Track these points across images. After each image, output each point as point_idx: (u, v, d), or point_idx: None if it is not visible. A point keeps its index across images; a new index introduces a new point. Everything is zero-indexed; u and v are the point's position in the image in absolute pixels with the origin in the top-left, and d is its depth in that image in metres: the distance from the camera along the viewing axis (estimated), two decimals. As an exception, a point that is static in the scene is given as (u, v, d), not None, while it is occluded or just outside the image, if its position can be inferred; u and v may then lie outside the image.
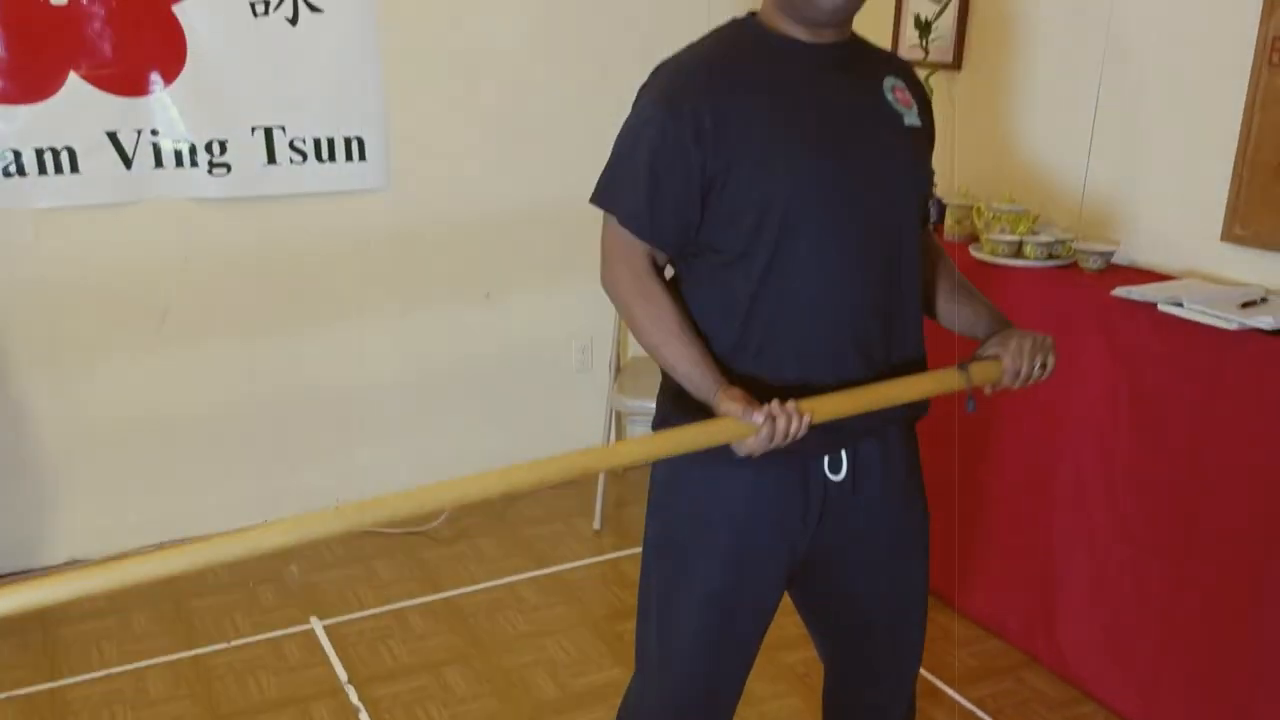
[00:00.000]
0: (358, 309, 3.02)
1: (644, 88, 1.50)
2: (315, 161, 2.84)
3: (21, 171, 2.55)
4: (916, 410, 1.59)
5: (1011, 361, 1.49)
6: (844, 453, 1.51)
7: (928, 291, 1.63)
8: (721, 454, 1.43)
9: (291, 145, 2.80)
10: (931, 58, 2.66)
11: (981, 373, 1.50)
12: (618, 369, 3.20)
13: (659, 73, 1.50)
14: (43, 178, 2.57)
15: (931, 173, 1.60)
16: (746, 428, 1.35)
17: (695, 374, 1.43)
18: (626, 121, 1.48)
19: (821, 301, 1.45)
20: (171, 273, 2.78)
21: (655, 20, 3.09)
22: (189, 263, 2.79)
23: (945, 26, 2.67)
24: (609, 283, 1.52)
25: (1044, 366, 1.51)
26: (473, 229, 3.09)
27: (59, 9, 2.48)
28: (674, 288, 1.53)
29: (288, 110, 2.76)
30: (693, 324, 1.47)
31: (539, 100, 3.05)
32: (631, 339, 3.32)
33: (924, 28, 2.60)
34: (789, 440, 1.36)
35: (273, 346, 2.94)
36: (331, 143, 2.85)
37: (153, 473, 2.88)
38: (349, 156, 2.88)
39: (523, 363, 3.28)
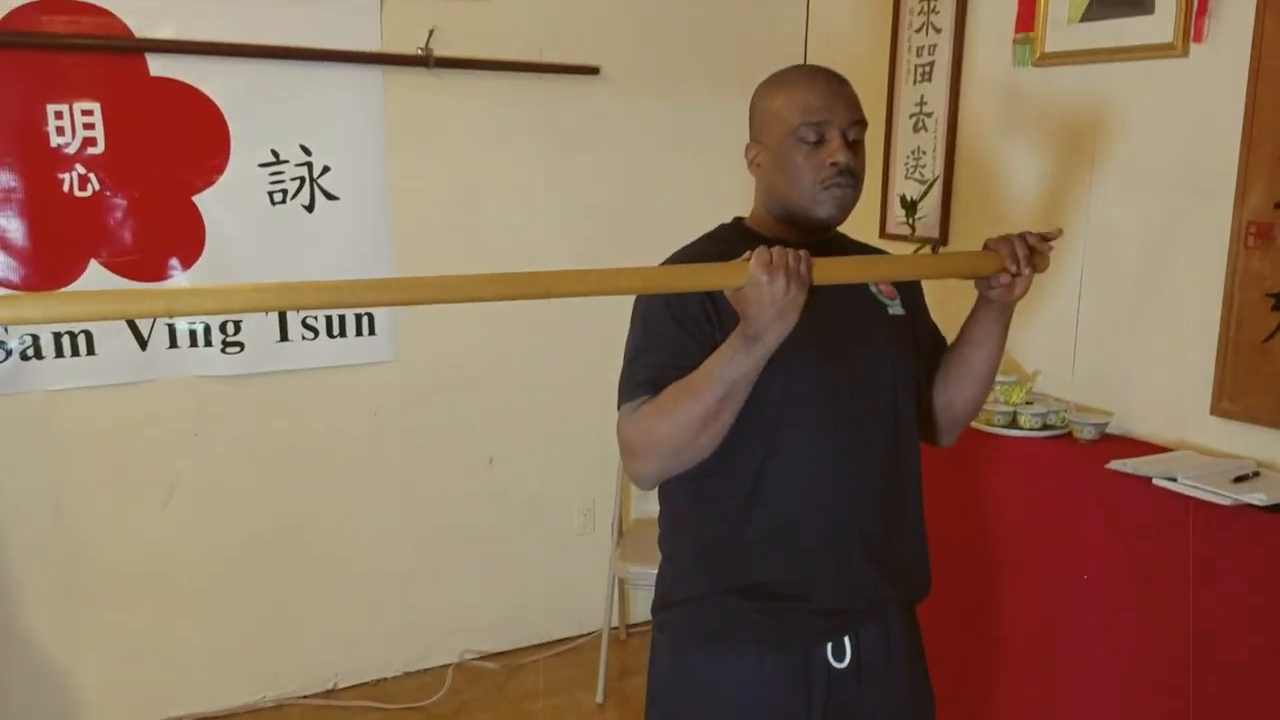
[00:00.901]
0: (363, 477, 3.05)
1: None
2: (326, 337, 2.93)
3: (39, 355, 2.63)
4: (916, 592, 1.60)
5: (1009, 249, 1.45)
6: (846, 639, 1.51)
7: (937, 388, 1.63)
8: (723, 643, 1.43)
9: (303, 322, 2.89)
10: (918, 234, 2.77)
11: (983, 261, 1.47)
12: (620, 533, 3.20)
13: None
14: (59, 360, 2.65)
15: (939, 337, 1.67)
16: (742, 268, 1.31)
17: (714, 365, 1.37)
18: (632, 326, 1.53)
19: (819, 492, 1.48)
20: (180, 447, 2.82)
21: (663, 201, 3.23)
22: (198, 437, 2.84)
23: (930, 205, 2.79)
24: (631, 472, 1.48)
25: (1034, 255, 1.46)
26: (476, 396, 3.15)
27: (82, 200, 2.61)
28: (665, 489, 1.56)
29: (300, 289, 2.86)
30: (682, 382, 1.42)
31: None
32: (633, 505, 3.36)
33: (910, 206, 2.71)
34: (790, 281, 1.30)
35: (276, 516, 2.95)
36: (343, 319, 2.94)
37: (148, 645, 2.85)
38: (359, 331, 2.97)
39: (524, 527, 3.28)
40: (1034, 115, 2.58)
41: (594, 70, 3.06)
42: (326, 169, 2.83)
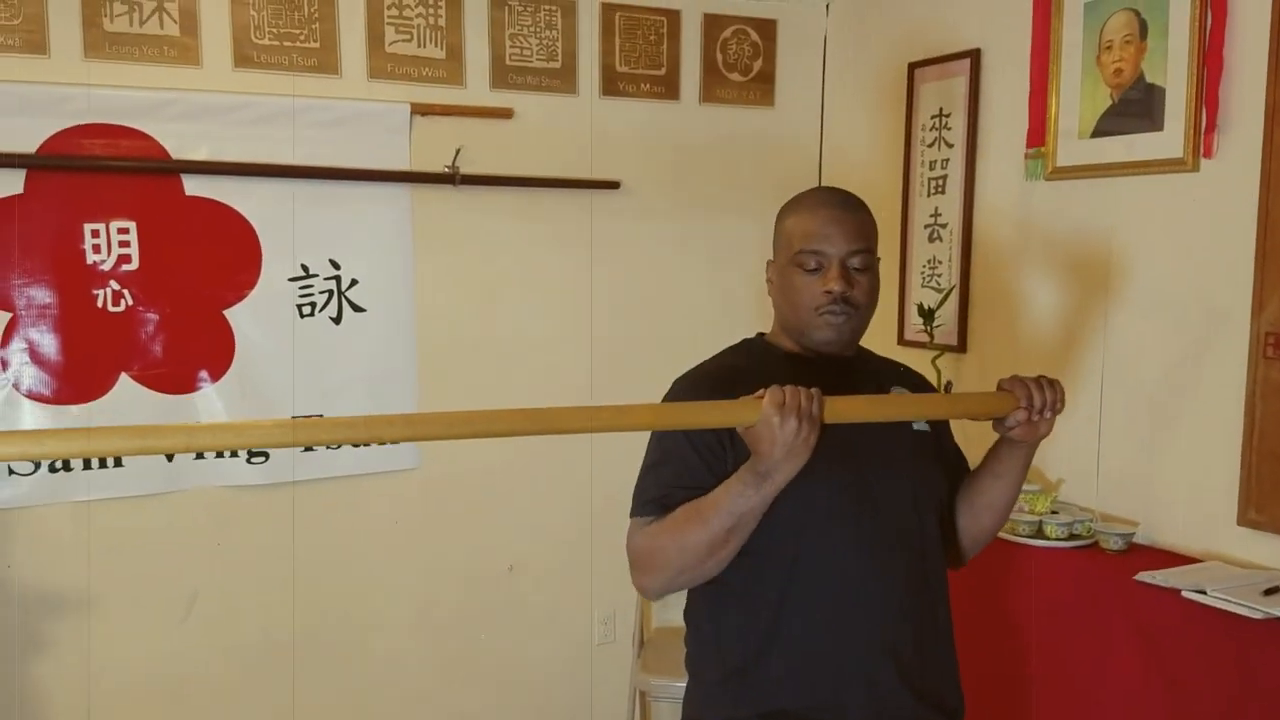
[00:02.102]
0: (382, 585, 3.03)
1: (664, 400, 1.59)
2: (350, 447, 2.95)
3: (67, 467, 2.66)
4: (950, 714, 1.57)
5: (1024, 390, 1.48)
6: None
7: (959, 513, 1.64)
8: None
9: (327, 432, 2.91)
10: (937, 341, 2.79)
11: (998, 402, 1.49)
12: (641, 643, 3.16)
13: (676, 386, 1.59)
14: (87, 473, 2.68)
15: (961, 459, 1.67)
16: (754, 405, 1.32)
17: (723, 496, 1.39)
18: (650, 439, 1.55)
19: (845, 614, 1.47)
20: (203, 557, 2.83)
21: (681, 313, 3.26)
22: (220, 546, 2.85)
23: (948, 313, 2.82)
24: (642, 587, 1.52)
25: (1056, 401, 1.50)
26: (497, 504, 3.15)
27: (115, 315, 2.67)
28: (691, 612, 1.55)
29: (327, 399, 2.89)
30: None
31: (564, 386, 3.18)
32: (655, 613, 3.32)
33: (927, 315, 2.74)
34: (801, 423, 1.31)
35: (294, 625, 2.93)
36: (365, 428, 2.96)
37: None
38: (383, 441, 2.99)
39: (544, 636, 3.24)
40: (1047, 228, 2.63)
41: (614, 185, 3.15)
42: (354, 282, 2.90)
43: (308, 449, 2.89)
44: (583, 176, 3.11)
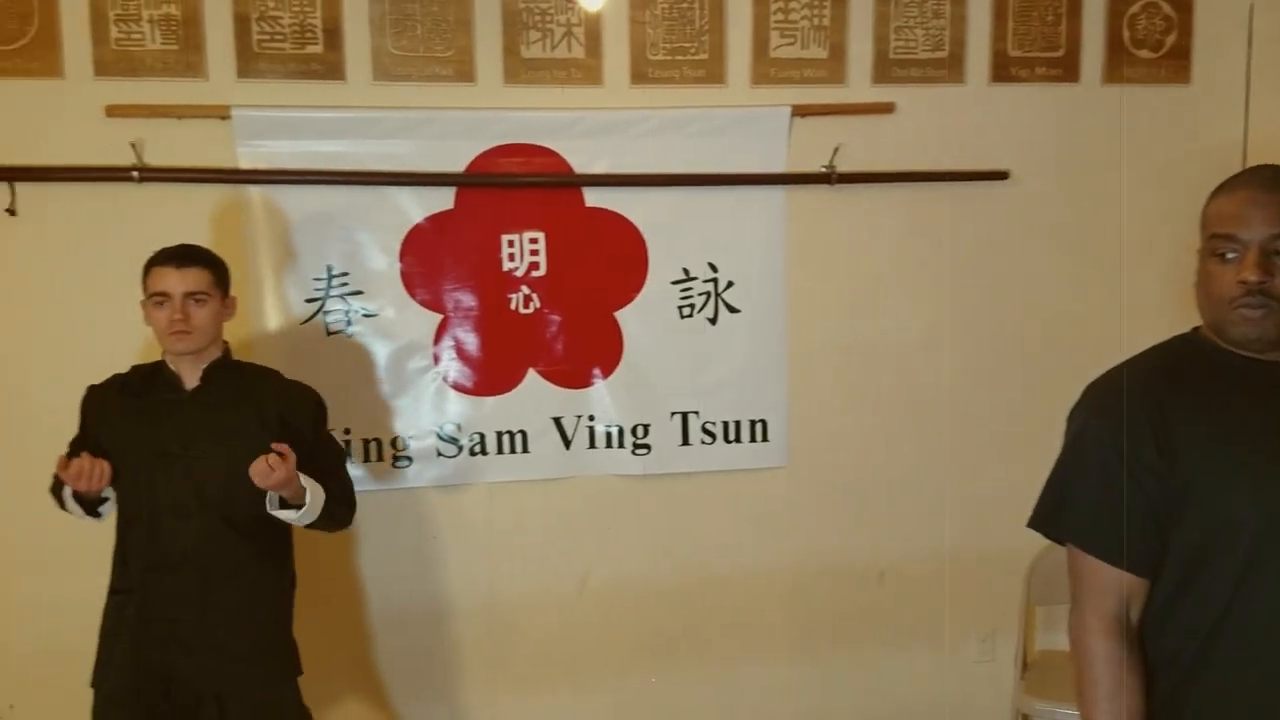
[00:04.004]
0: (751, 583, 3.09)
1: (1076, 408, 1.48)
2: (723, 442, 3.04)
3: (484, 451, 2.98)
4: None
5: None
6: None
7: None
8: None
9: (703, 428, 3.03)
10: None
11: None
12: (1025, 664, 2.97)
13: (1091, 391, 1.47)
14: (499, 456, 2.98)
15: None
16: None
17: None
18: (1066, 444, 1.46)
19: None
20: (594, 540, 3.05)
21: (1074, 314, 3.05)
22: (609, 531, 3.05)
23: None
24: (1072, 625, 1.46)
25: None
26: (869, 507, 3.10)
27: (525, 316, 2.94)
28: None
29: (702, 397, 3.01)
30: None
31: (939, 392, 3.07)
32: (1040, 634, 3.10)
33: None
34: None
35: (671, 614, 3.07)
36: (738, 425, 3.04)
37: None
38: (753, 438, 3.05)
39: (916, 650, 3.14)
40: None
41: (1003, 175, 2.97)
42: (730, 284, 2.98)
43: (685, 442, 3.02)
44: (968, 168, 2.97)
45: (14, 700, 2.73)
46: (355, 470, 2.81)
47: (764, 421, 3.05)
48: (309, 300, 2.81)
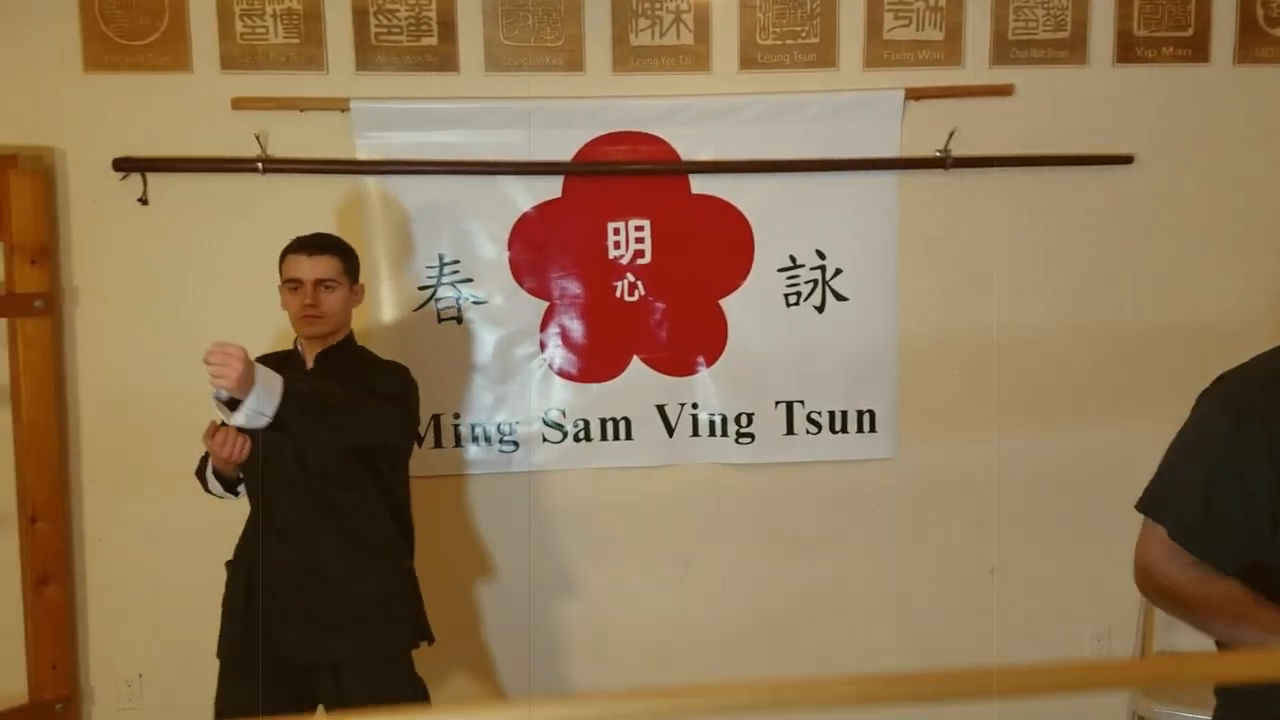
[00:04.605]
0: (855, 576, 3.06)
1: (1205, 394, 1.42)
2: (829, 432, 3.00)
3: (588, 438, 3.00)
4: None
5: None
6: None
7: None
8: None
9: (809, 418, 2.99)
10: None
11: None
12: (1141, 667, 2.86)
13: (1224, 381, 1.41)
14: (603, 443, 2.99)
15: None
16: None
17: (1232, 622, 1.31)
18: (1184, 428, 1.41)
19: None
20: (695, 528, 3.05)
21: (1209, 305, 2.92)
22: (712, 519, 3.05)
23: None
24: (1147, 588, 1.45)
25: None
26: (979, 500, 3.03)
27: (629, 304, 2.95)
28: None
29: (808, 386, 2.98)
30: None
31: (1053, 382, 2.97)
32: (1158, 633, 2.99)
33: None
34: None
35: (771, 605, 3.06)
36: (845, 415, 3.00)
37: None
38: (860, 428, 3.01)
39: (1026, 647, 3.06)
40: None
41: (1127, 159, 2.85)
42: (839, 271, 2.94)
43: (789, 432, 2.99)
44: (1090, 152, 2.86)
45: (143, 670, 2.87)
46: (466, 453, 2.88)
47: (872, 412, 3.00)
48: (421, 288, 2.87)
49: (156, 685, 2.86)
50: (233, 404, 1.86)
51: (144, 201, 2.72)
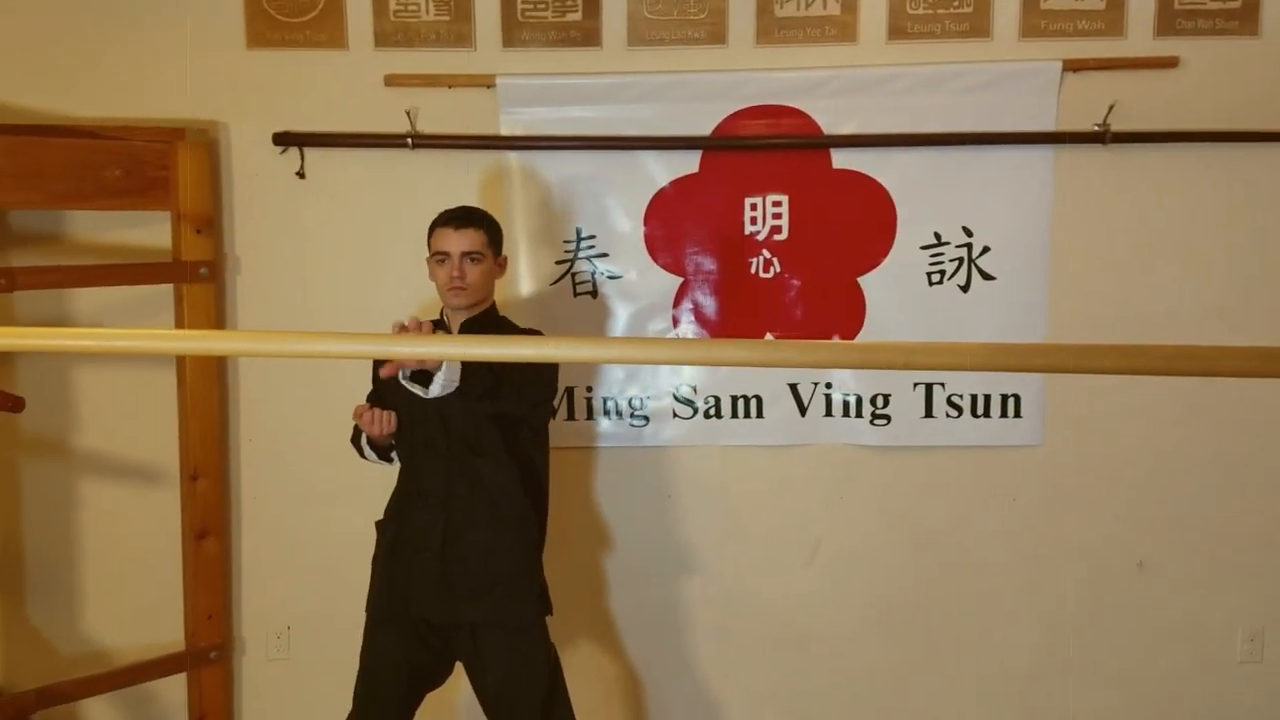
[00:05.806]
0: (993, 566, 2.97)
1: None
2: (970, 416, 2.92)
3: (719, 414, 2.98)
4: None
5: None
6: None
7: None
8: None
9: (949, 400, 2.91)
10: None
11: None
12: (1303, 674, 2.71)
13: None
14: (734, 420, 2.97)
15: None
16: None
17: None
18: None
19: None
20: (826, 510, 3.01)
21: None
22: (843, 501, 3.01)
23: None
24: None
25: None
26: (1129, 490, 2.91)
27: (765, 281, 2.92)
28: None
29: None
30: None
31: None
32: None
33: None
34: None
35: (904, 591, 3.00)
36: (988, 399, 2.91)
37: (784, 695, 3.06)
38: (1004, 413, 2.91)
39: (1174, 645, 2.93)
40: None
41: (1303, 136, 2.68)
42: (986, 249, 2.84)
43: (928, 414, 2.92)
44: (1261, 129, 2.69)
45: (291, 623, 3.00)
46: (597, 426, 2.91)
47: (1017, 396, 2.90)
48: (559, 261, 2.90)
49: (304, 638, 2.99)
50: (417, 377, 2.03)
51: (301, 175, 2.83)
